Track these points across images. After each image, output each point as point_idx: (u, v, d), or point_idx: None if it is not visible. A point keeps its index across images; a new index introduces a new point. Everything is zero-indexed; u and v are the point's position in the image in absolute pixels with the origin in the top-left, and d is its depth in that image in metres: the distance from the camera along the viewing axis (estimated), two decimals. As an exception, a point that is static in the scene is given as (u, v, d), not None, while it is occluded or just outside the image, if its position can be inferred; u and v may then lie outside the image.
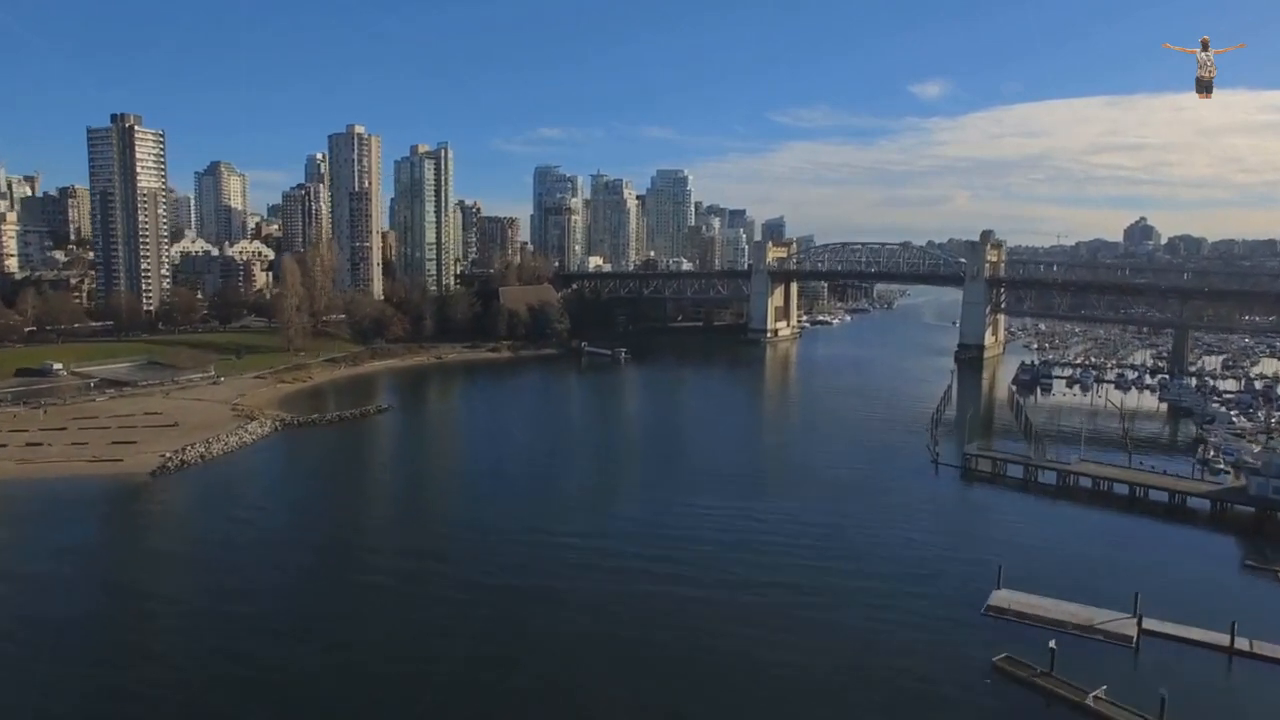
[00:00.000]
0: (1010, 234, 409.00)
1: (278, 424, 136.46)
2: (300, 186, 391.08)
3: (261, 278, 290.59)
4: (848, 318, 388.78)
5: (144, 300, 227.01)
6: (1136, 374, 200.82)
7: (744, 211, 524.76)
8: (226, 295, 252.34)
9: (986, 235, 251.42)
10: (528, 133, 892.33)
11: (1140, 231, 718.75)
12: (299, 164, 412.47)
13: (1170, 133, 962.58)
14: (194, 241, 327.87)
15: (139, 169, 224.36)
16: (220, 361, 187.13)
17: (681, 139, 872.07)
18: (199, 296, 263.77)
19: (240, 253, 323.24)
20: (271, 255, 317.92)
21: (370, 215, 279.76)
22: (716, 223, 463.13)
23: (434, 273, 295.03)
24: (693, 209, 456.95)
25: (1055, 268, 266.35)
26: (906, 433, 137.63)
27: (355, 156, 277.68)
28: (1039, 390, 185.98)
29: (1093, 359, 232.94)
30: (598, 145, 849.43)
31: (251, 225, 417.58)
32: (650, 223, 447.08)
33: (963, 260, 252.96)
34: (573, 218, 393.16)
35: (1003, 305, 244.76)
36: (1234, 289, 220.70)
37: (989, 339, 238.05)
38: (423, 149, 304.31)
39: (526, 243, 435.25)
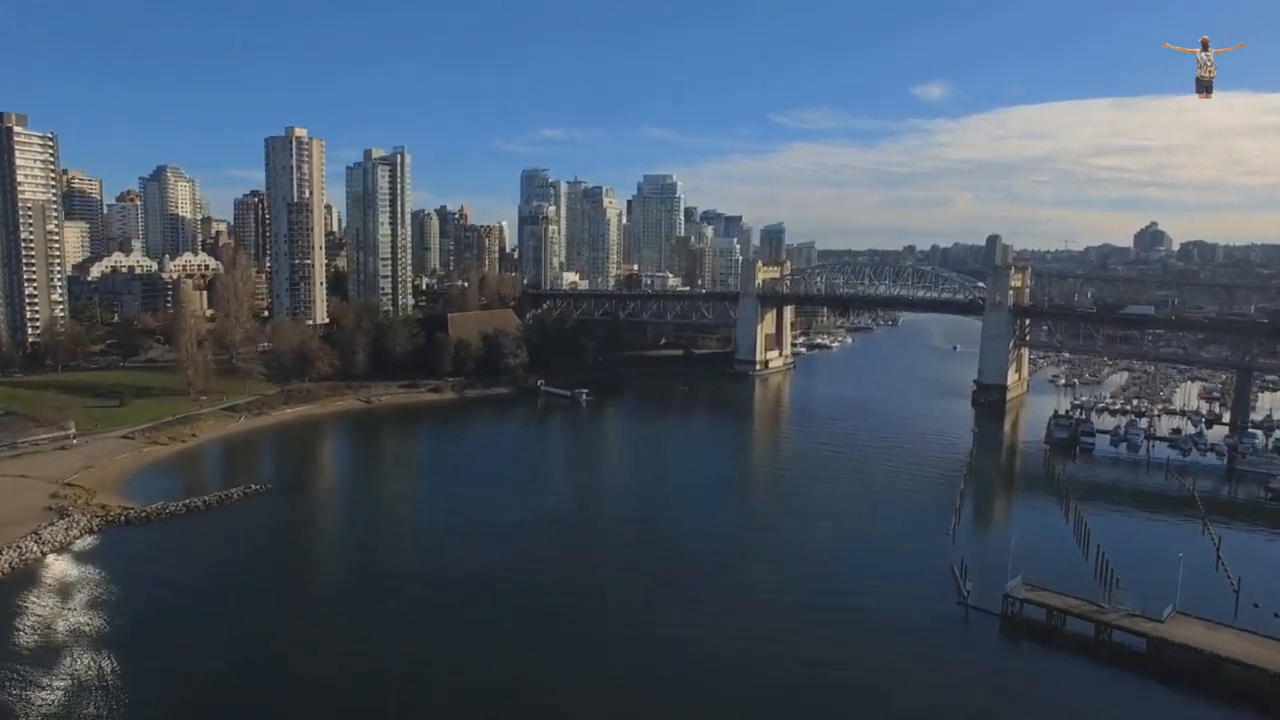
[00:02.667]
0: (1013, 236, 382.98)
1: (97, 521, 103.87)
2: (254, 193, 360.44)
3: (196, 298, 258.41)
4: (849, 339, 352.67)
5: (29, 331, 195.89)
6: (1195, 427, 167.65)
7: (740, 218, 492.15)
8: (130, 323, 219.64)
9: (993, 240, 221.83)
10: (529, 134, 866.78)
11: (1150, 236, 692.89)
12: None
13: (1173, 135, 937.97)
14: (129, 255, 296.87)
15: (21, 178, 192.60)
16: (87, 412, 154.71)
17: (684, 140, 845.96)
18: (115, 321, 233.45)
19: (184, 266, 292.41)
20: (223, 270, 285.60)
21: (311, 229, 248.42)
22: (709, 231, 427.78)
23: (389, 290, 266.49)
24: (682, 217, 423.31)
25: (1090, 294, 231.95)
26: (921, 531, 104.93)
27: (294, 163, 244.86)
28: (1078, 451, 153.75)
29: (1134, 402, 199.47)
30: (599, 146, 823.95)
31: (213, 233, 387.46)
32: (636, 232, 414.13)
33: (981, 285, 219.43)
34: (550, 227, 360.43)
35: (1028, 338, 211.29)
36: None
37: (1012, 376, 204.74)
38: (377, 154, 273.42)
39: (514, 251, 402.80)
